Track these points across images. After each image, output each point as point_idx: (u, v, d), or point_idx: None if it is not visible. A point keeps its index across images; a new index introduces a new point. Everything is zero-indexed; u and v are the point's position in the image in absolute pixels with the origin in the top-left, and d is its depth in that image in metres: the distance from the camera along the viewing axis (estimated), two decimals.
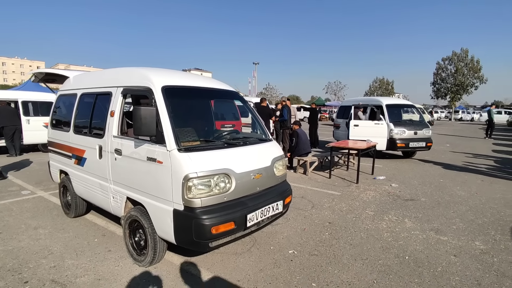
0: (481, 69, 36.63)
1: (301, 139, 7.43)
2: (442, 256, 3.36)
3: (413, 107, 10.46)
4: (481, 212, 4.79)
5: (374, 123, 9.21)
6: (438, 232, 3.99)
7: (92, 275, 2.91)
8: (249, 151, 3.17)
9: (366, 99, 11.64)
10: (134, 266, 3.09)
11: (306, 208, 4.89)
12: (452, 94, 38.59)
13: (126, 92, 3.25)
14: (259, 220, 2.97)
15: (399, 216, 4.57)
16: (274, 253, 3.40)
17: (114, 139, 3.24)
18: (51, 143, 4.59)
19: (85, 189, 3.86)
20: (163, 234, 2.81)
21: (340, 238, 3.79)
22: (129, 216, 3.13)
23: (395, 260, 3.25)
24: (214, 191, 2.67)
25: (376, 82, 53.44)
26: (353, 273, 3.00)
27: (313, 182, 6.65)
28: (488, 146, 13.00)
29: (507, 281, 2.88)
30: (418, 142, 9.12)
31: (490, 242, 3.72)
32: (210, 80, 3.69)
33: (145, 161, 2.85)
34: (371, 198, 5.50)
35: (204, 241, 2.57)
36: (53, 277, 2.87)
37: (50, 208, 4.82)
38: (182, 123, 3.03)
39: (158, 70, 3.33)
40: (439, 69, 39.54)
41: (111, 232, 3.91)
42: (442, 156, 10.29)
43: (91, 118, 3.68)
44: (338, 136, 10.96)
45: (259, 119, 3.89)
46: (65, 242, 3.62)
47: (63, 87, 4.58)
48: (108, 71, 3.79)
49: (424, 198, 5.49)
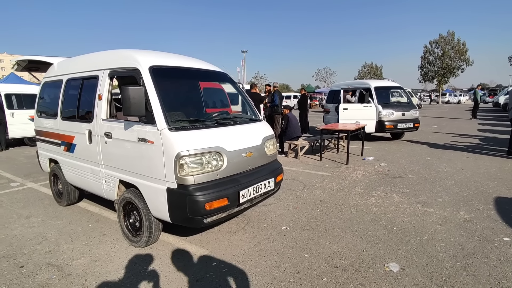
0: (467, 51, 37.15)
1: (291, 122, 7.48)
2: (428, 225, 3.50)
3: (401, 88, 10.61)
4: (465, 185, 4.97)
5: (363, 105, 9.32)
6: (425, 205, 4.14)
7: (88, 257, 2.94)
8: (239, 130, 3.20)
9: (355, 83, 11.73)
10: (130, 247, 3.13)
11: (297, 189, 4.98)
12: (439, 77, 39.13)
13: (113, 74, 3.22)
14: (251, 197, 3.03)
15: (387, 192, 4.71)
16: (268, 229, 3.49)
17: (103, 122, 3.21)
18: (39, 132, 4.52)
19: (76, 175, 3.84)
20: (158, 213, 2.84)
21: (331, 214, 3.90)
22: (122, 199, 3.15)
23: (383, 231, 3.37)
24: (206, 168, 2.71)
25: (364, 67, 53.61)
26: (344, 244, 3.11)
27: (304, 165, 6.75)
28: (473, 126, 13.34)
29: (488, 244, 3.03)
30: (406, 123, 9.30)
31: (474, 211, 3.89)
32: (198, 61, 3.67)
33: (136, 142, 2.85)
34: (360, 177, 5.63)
35: (199, 217, 2.62)
36: (49, 261, 2.89)
37: (41, 198, 4.78)
38: (171, 103, 3.04)
39: (145, 50, 3.29)
40: (427, 52, 39.91)
41: (105, 218, 3.93)
42: (429, 136, 10.52)
43: (79, 103, 3.64)
44: (328, 121, 11.06)
45: (249, 100, 3.90)
46: (59, 229, 3.62)
47: (47, 74, 4.48)
48: (93, 55, 3.72)
49: (411, 175, 5.65)
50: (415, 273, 2.58)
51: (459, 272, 2.57)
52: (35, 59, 4.65)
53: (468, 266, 2.66)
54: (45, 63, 4.59)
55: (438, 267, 2.65)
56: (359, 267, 2.68)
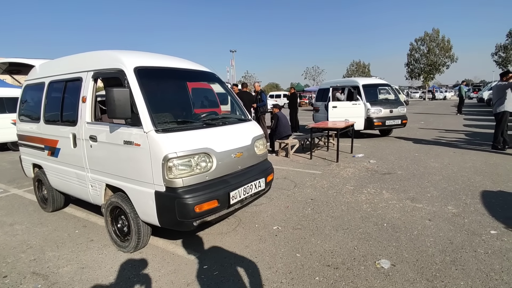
0: (451, 48, 37.92)
1: (281, 121, 7.48)
2: (417, 221, 3.54)
3: (388, 86, 10.74)
4: (453, 180, 5.06)
5: (352, 103, 9.40)
6: (414, 200, 4.19)
7: (75, 265, 2.86)
8: (229, 130, 3.17)
9: (343, 81, 11.81)
10: (119, 252, 3.06)
11: (288, 188, 4.98)
12: (425, 74, 39.84)
13: (97, 76, 3.13)
14: (242, 198, 3.00)
15: (377, 189, 4.75)
16: (259, 230, 3.47)
17: (88, 125, 3.13)
18: (21, 137, 4.38)
19: (61, 180, 3.74)
20: (146, 217, 2.78)
21: (322, 212, 3.90)
22: (109, 203, 3.07)
23: (374, 228, 3.39)
24: (195, 170, 2.66)
25: (353, 65, 54.13)
26: (335, 242, 3.11)
27: (294, 163, 6.75)
28: (459, 122, 13.63)
29: (476, 238, 3.09)
30: (394, 120, 9.42)
31: (461, 206, 3.96)
32: (185, 61, 3.61)
33: (122, 145, 2.78)
34: (350, 174, 5.67)
35: (188, 220, 2.58)
36: (34, 270, 2.80)
37: (26, 204, 4.64)
38: (158, 104, 2.97)
39: (129, 51, 3.22)
40: (413, 49, 40.55)
41: (93, 223, 3.83)
42: (416, 132, 10.70)
43: (62, 106, 3.53)
44: (318, 119, 11.10)
45: (238, 100, 3.87)
46: (44, 236, 3.51)
47: (29, 77, 4.34)
48: (76, 56, 3.62)
49: (400, 171, 5.72)
50: (406, 269, 2.60)
51: (448, 267, 2.60)
52: (16, 61, 4.50)
53: (457, 260, 2.69)
54: (26, 65, 4.45)
55: (428, 262, 2.68)
56: (351, 265, 2.69)
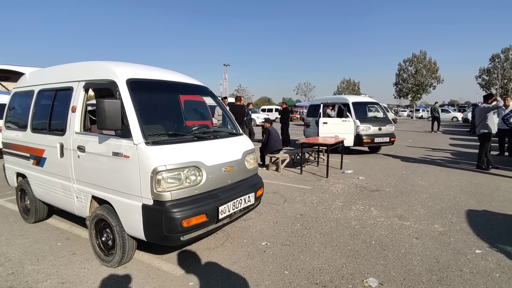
0: (438, 69, 39.35)
1: (272, 136, 7.52)
2: (405, 239, 3.56)
3: (377, 104, 11.00)
4: (439, 198, 5.14)
5: (342, 120, 9.57)
6: (402, 218, 4.23)
7: (55, 279, 2.75)
8: (219, 144, 3.17)
9: (334, 98, 12.05)
10: (102, 267, 2.96)
11: (278, 203, 4.96)
12: (413, 94, 41.03)
13: (89, 86, 3.12)
14: (231, 212, 2.97)
15: (365, 206, 4.78)
16: (247, 245, 3.42)
17: (76, 135, 3.08)
18: (6, 145, 4.27)
19: (45, 191, 3.64)
20: (132, 231, 2.72)
21: (311, 228, 3.89)
22: (94, 216, 2.99)
23: (362, 245, 3.40)
24: (184, 184, 2.64)
25: (343, 83, 55.39)
26: (324, 259, 3.10)
27: (285, 178, 6.76)
28: (445, 141, 13.98)
29: (462, 257, 3.12)
30: (382, 138, 9.60)
31: (448, 224, 4.01)
32: (177, 74, 3.64)
33: (111, 157, 2.74)
34: (340, 190, 5.70)
35: (175, 234, 2.53)
36: (11, 284, 2.67)
37: (7, 214, 4.47)
38: (149, 117, 2.97)
39: (122, 63, 3.23)
40: (401, 70, 41.91)
41: (76, 236, 3.71)
42: (404, 150, 10.90)
43: (51, 115, 3.48)
44: (309, 134, 11.23)
45: (230, 114, 3.90)
46: (24, 248, 3.38)
47: (18, 84, 4.28)
48: (67, 66, 3.60)
49: (388, 189, 5.79)
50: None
51: (435, 286, 2.61)
52: (5, 68, 4.44)
53: (443, 280, 2.71)
54: (16, 73, 4.39)
55: (415, 281, 2.68)
56: (339, 283, 2.67)
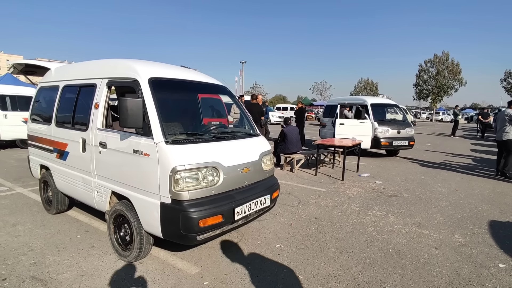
0: (460, 72, 37.98)
1: (287, 138, 7.36)
2: (423, 248, 3.46)
3: (396, 106, 10.73)
4: (460, 207, 4.97)
5: (359, 122, 9.39)
6: (420, 226, 4.11)
7: (75, 271, 2.83)
8: (237, 145, 3.17)
9: (352, 98, 11.84)
10: (119, 261, 3.02)
11: (293, 204, 4.93)
12: (433, 96, 39.82)
13: (111, 84, 3.18)
14: (247, 214, 2.97)
15: (383, 211, 4.67)
16: (262, 247, 3.41)
17: (98, 132, 3.15)
18: (31, 137, 4.43)
19: (67, 184, 3.75)
20: (150, 228, 2.76)
21: (326, 232, 3.84)
22: (114, 211, 3.06)
23: (379, 253, 3.32)
24: (202, 184, 2.65)
25: (361, 83, 54.41)
26: (339, 265, 3.05)
27: (299, 179, 6.71)
28: (466, 146, 13.50)
29: (484, 271, 3.00)
30: (401, 141, 9.36)
31: (469, 235, 3.87)
32: (197, 73, 3.66)
33: (131, 154, 2.79)
34: (356, 194, 5.61)
35: (192, 234, 2.55)
36: (33, 274, 2.77)
37: (30, 204, 4.65)
38: (169, 116, 2.99)
39: (145, 61, 3.27)
40: (421, 71, 40.72)
41: (95, 228, 3.81)
42: (423, 155, 10.60)
43: (74, 110, 3.57)
44: (324, 135, 11.09)
45: (247, 114, 3.89)
46: (46, 239, 3.50)
47: (44, 79, 4.42)
48: (92, 63, 3.69)
49: (406, 194, 5.64)
50: None
51: None
52: (32, 63, 4.59)
53: None
54: (42, 68, 4.54)
55: None
56: None
